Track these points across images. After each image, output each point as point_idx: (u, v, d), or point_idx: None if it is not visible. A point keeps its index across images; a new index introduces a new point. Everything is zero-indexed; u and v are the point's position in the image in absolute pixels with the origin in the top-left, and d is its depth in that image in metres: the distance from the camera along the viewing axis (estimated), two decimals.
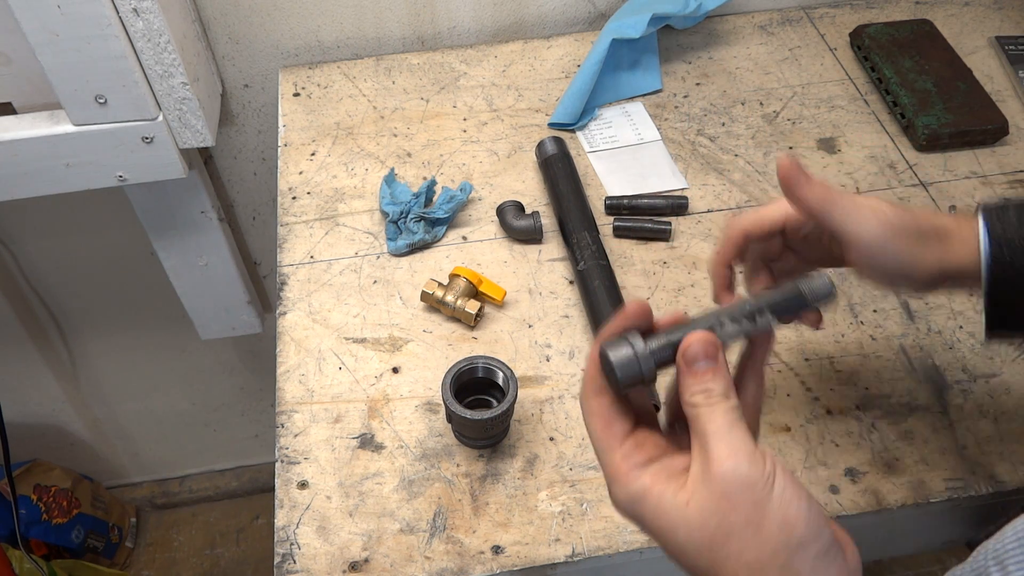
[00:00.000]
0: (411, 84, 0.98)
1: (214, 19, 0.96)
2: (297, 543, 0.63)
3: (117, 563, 1.64)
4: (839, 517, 0.64)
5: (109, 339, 1.37)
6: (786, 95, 0.96)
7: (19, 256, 1.20)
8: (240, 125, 1.07)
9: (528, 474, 0.67)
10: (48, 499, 1.48)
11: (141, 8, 0.77)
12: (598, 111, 0.94)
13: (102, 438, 1.59)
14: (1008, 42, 1.01)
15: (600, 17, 1.05)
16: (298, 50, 1.01)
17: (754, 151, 0.90)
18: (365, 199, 0.86)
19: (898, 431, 0.69)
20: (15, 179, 0.89)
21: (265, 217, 1.20)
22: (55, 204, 1.09)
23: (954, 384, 0.72)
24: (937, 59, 0.96)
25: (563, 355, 0.74)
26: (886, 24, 1.00)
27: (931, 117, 0.89)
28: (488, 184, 0.87)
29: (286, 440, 0.69)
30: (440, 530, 0.64)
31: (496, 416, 0.63)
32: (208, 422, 1.61)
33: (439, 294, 0.75)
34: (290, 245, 0.82)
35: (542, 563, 0.62)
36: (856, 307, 0.77)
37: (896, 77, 0.93)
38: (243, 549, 1.70)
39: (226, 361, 1.46)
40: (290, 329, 0.76)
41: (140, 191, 1.00)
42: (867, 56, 0.97)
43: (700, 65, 1.00)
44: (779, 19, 1.06)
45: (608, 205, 0.84)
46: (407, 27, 1.02)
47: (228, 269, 1.14)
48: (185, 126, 0.88)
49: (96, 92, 0.82)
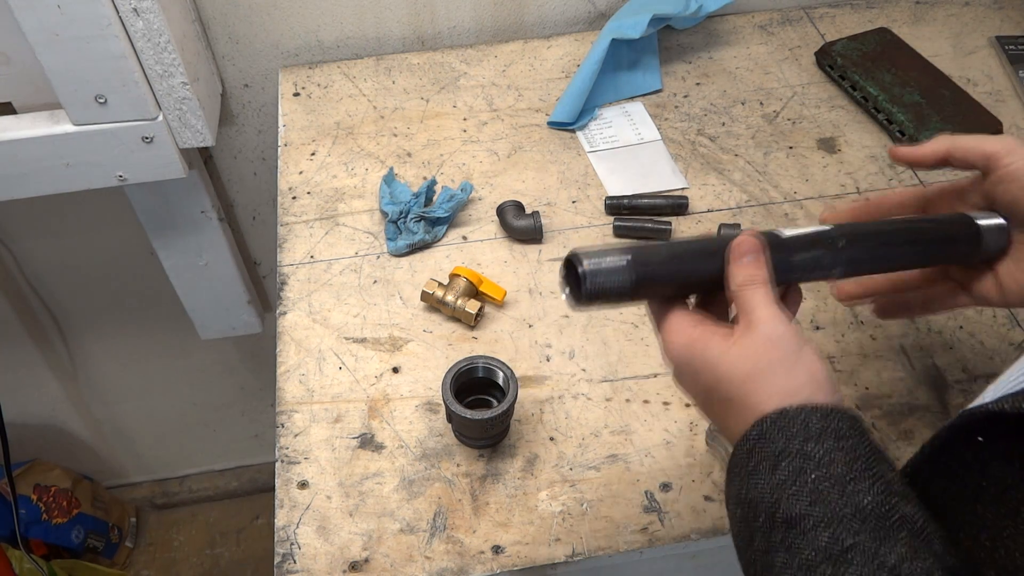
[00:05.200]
0: (411, 84, 0.98)
1: (214, 19, 0.96)
2: (297, 543, 0.63)
3: (117, 563, 1.64)
4: None
5: (109, 339, 1.37)
6: (786, 95, 0.96)
7: (19, 256, 1.20)
8: (240, 125, 1.07)
9: (528, 474, 0.67)
10: (48, 499, 1.48)
11: (141, 8, 0.77)
12: (598, 111, 0.94)
13: (102, 438, 1.59)
14: (1008, 42, 1.01)
15: (600, 17, 1.05)
16: (298, 50, 1.01)
17: (754, 151, 0.90)
18: (365, 199, 0.86)
19: (898, 431, 0.69)
20: (15, 179, 0.89)
21: (265, 217, 1.20)
22: (55, 204, 1.09)
23: (954, 384, 0.72)
24: (912, 68, 0.95)
25: (563, 355, 0.74)
26: (850, 39, 0.98)
27: (932, 131, 0.88)
28: (488, 184, 0.87)
29: (286, 440, 0.69)
30: (440, 530, 0.64)
31: (496, 416, 0.63)
32: (208, 422, 1.61)
33: (439, 294, 0.75)
34: (290, 245, 0.82)
35: (542, 563, 0.62)
36: (856, 307, 0.77)
37: (883, 94, 0.92)
38: (243, 549, 1.70)
39: (226, 361, 1.46)
40: (290, 329, 0.76)
41: (140, 191, 1.00)
42: (843, 75, 0.95)
43: (700, 65, 1.00)
44: (779, 19, 1.06)
45: (608, 205, 0.84)
46: (407, 27, 1.02)
47: (228, 269, 1.14)
48: (185, 126, 0.88)
49: (96, 92, 0.82)
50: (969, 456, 0.44)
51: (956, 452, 0.45)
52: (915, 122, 0.89)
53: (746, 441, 0.44)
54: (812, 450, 0.42)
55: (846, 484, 0.41)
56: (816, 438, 0.42)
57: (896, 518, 0.40)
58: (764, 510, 0.42)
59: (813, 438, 0.42)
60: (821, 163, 0.89)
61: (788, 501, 0.41)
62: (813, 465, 0.42)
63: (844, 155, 0.90)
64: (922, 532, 0.40)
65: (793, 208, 0.85)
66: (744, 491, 0.44)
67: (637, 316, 0.77)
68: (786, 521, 0.41)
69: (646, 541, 0.63)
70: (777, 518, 0.41)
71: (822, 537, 0.40)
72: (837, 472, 0.41)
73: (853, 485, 0.41)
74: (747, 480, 0.44)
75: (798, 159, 0.90)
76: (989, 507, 0.42)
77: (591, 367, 0.73)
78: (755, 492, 0.43)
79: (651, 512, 0.64)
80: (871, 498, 0.41)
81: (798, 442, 0.42)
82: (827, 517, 0.40)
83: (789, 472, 0.42)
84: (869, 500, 0.40)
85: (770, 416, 0.44)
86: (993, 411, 0.42)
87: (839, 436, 0.43)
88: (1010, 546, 0.40)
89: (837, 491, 0.41)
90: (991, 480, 0.43)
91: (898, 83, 0.93)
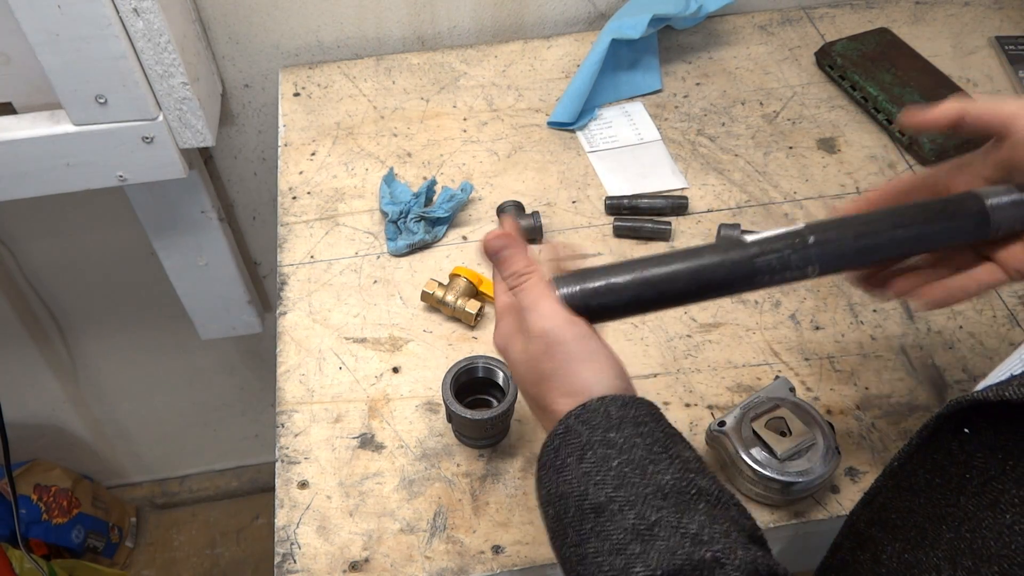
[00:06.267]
0: (411, 84, 0.98)
1: (214, 19, 0.96)
2: (297, 543, 0.63)
3: (117, 563, 1.64)
4: (839, 517, 0.64)
5: (109, 339, 1.37)
6: (786, 95, 0.96)
7: (19, 256, 1.20)
8: (240, 125, 1.07)
9: (528, 474, 0.67)
10: (48, 499, 1.48)
11: (141, 8, 0.77)
12: (598, 111, 0.94)
13: (102, 438, 1.59)
14: (1008, 42, 1.01)
15: (600, 17, 1.05)
16: (298, 50, 1.01)
17: (754, 151, 0.90)
18: (365, 199, 0.86)
19: (898, 431, 0.69)
20: (15, 179, 0.89)
21: (265, 217, 1.20)
22: (55, 204, 1.09)
23: (954, 384, 0.72)
24: (912, 68, 0.95)
25: None
26: (850, 39, 0.98)
27: (933, 132, 0.88)
28: (488, 184, 0.87)
29: (286, 440, 0.69)
30: (440, 530, 0.64)
31: (496, 416, 0.63)
32: (208, 422, 1.61)
33: (439, 294, 0.75)
34: (290, 245, 0.82)
35: (542, 563, 0.62)
36: (856, 307, 0.77)
37: (883, 94, 0.91)
38: (243, 549, 1.70)
39: (226, 361, 1.46)
40: (290, 329, 0.76)
41: (140, 191, 1.00)
42: (843, 75, 0.95)
43: (700, 65, 1.00)
44: (779, 19, 1.06)
45: (608, 205, 0.84)
46: (407, 27, 1.02)
47: (228, 269, 1.14)
48: (185, 126, 0.88)
49: (96, 92, 0.82)
50: (955, 447, 0.45)
51: (942, 444, 0.46)
52: None
53: (552, 439, 0.46)
54: (614, 438, 0.44)
55: (647, 466, 0.43)
56: (617, 427, 0.44)
57: (694, 491, 0.42)
58: (574, 503, 0.43)
59: (614, 427, 0.44)
60: (821, 163, 0.89)
61: (595, 489, 0.43)
62: (615, 452, 0.44)
63: (844, 155, 0.90)
64: (719, 501, 0.43)
65: (793, 208, 0.85)
66: (554, 487, 0.45)
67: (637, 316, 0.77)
68: (594, 509, 0.42)
69: None
70: (586, 507, 0.43)
71: (628, 517, 0.41)
72: (638, 456, 0.43)
73: (653, 467, 0.43)
74: (556, 476, 0.45)
75: (798, 159, 0.90)
76: (971, 499, 0.43)
77: None
78: (565, 486, 0.44)
79: None
80: (670, 476, 0.43)
81: (600, 432, 0.44)
82: (631, 498, 0.42)
83: (594, 461, 0.44)
84: (668, 478, 0.42)
85: (574, 412, 0.45)
86: (977, 399, 0.43)
87: (637, 423, 0.45)
88: (987, 536, 0.41)
89: (639, 474, 0.43)
90: (975, 472, 0.44)
91: (898, 83, 0.93)
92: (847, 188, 0.87)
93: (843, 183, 0.87)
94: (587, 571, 0.42)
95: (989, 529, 0.41)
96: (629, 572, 0.40)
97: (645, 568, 0.40)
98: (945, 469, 0.45)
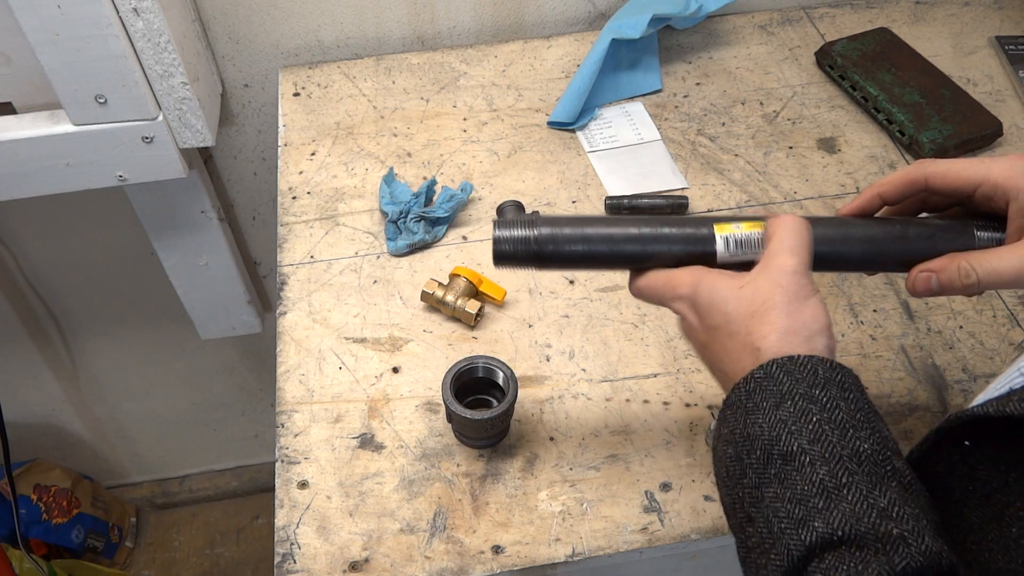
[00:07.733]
0: (411, 84, 0.98)
1: (214, 19, 0.96)
2: (297, 543, 0.63)
3: (117, 563, 1.64)
4: None
5: (109, 339, 1.37)
6: (786, 95, 0.96)
7: (19, 256, 1.20)
8: (240, 125, 1.07)
9: (528, 474, 0.67)
10: (48, 499, 1.48)
11: (141, 8, 0.77)
12: (598, 111, 0.94)
13: (102, 438, 1.59)
14: (1008, 42, 1.01)
15: (600, 17, 1.05)
16: (298, 50, 1.01)
17: (754, 151, 0.90)
18: (365, 199, 0.86)
19: (898, 431, 0.69)
20: (15, 179, 0.89)
21: (265, 217, 1.20)
22: (55, 204, 1.09)
23: (954, 384, 0.72)
24: (912, 68, 0.95)
25: (563, 355, 0.74)
26: (850, 39, 0.98)
27: (933, 131, 0.88)
28: (488, 184, 0.87)
29: (286, 440, 0.69)
30: (440, 530, 0.64)
31: (496, 416, 0.63)
32: (208, 422, 1.61)
33: (439, 294, 0.75)
34: (290, 245, 0.82)
35: (542, 563, 0.62)
36: (856, 307, 0.77)
37: (883, 94, 0.91)
38: (243, 549, 1.70)
39: (226, 361, 1.46)
40: (290, 329, 0.76)
41: (140, 191, 1.00)
42: (843, 75, 0.95)
43: (700, 65, 1.00)
44: (779, 19, 1.06)
45: (608, 205, 0.84)
46: (407, 27, 1.02)
47: (228, 269, 1.14)
48: (185, 126, 0.88)
49: (96, 92, 0.82)
50: (957, 460, 0.45)
51: (944, 456, 0.46)
52: (915, 122, 0.89)
53: (749, 381, 0.45)
54: (818, 395, 0.43)
55: (847, 430, 0.42)
56: (823, 385, 0.44)
57: (889, 468, 0.42)
58: (760, 446, 0.43)
59: (820, 385, 0.44)
60: (821, 163, 0.89)
61: (788, 437, 0.42)
62: (817, 408, 0.43)
63: (844, 155, 0.90)
64: (911, 486, 0.42)
65: (793, 208, 0.85)
66: (741, 427, 0.45)
67: (637, 316, 0.77)
68: (783, 455, 0.42)
69: (646, 541, 0.63)
70: (774, 452, 0.43)
71: (819, 472, 0.41)
72: (840, 418, 0.43)
73: (854, 431, 0.42)
74: (746, 417, 0.45)
75: (798, 159, 0.90)
76: (975, 511, 0.43)
77: (591, 367, 0.73)
78: (754, 428, 0.44)
79: (651, 512, 0.64)
80: (868, 446, 0.42)
81: (804, 386, 0.44)
82: (826, 455, 0.41)
83: (792, 412, 0.43)
84: (867, 447, 0.42)
85: (779, 360, 0.45)
86: (978, 415, 0.42)
87: (844, 388, 0.44)
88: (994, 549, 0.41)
89: (838, 435, 0.42)
90: (978, 484, 0.43)
91: (898, 83, 0.93)
92: (847, 188, 0.87)
93: (843, 183, 0.87)
94: (760, 514, 0.42)
95: (995, 542, 0.41)
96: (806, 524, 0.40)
97: (825, 525, 0.39)
98: (947, 482, 0.45)
